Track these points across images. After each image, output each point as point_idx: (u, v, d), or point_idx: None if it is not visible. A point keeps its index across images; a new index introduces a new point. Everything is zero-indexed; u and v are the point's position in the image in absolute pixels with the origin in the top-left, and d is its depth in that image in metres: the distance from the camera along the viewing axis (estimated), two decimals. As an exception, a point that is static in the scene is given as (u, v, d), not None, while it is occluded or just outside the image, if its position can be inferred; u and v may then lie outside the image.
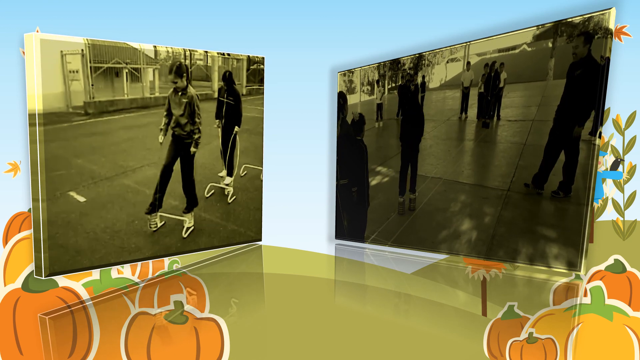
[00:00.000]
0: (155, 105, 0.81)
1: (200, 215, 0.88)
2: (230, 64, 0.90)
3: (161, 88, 0.81)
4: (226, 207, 0.91)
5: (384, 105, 0.92)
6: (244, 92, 0.93)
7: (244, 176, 0.94)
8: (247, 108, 0.93)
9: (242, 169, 0.93)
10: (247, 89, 0.93)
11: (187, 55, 0.83)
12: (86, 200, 0.75)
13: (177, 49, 0.82)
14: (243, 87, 0.92)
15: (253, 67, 0.93)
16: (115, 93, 0.78)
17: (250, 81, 0.93)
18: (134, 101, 0.80)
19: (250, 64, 0.92)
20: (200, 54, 0.85)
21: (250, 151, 0.95)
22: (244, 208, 0.94)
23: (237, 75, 0.91)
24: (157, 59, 0.80)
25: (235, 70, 0.91)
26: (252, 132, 0.95)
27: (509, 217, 0.77)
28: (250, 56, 0.91)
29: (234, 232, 0.92)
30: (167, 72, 0.82)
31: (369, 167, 0.95)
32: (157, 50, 0.80)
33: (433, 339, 0.54)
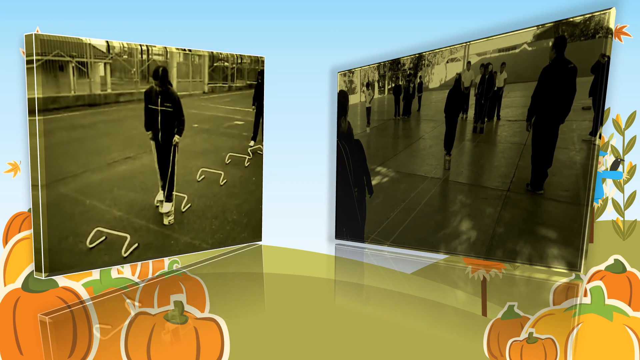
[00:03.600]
0: (106, 103, 0.76)
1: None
2: (191, 60, 0.85)
3: (113, 84, 0.76)
4: (180, 216, 0.85)
5: (384, 104, 0.92)
6: (205, 89, 0.88)
7: (201, 181, 0.88)
8: (207, 106, 0.89)
9: (199, 173, 0.88)
10: (210, 87, 0.88)
11: (143, 50, 0.78)
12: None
13: (133, 44, 0.77)
14: (205, 84, 0.88)
15: (217, 64, 0.88)
16: (60, 89, 0.72)
17: (213, 79, 0.88)
18: (80, 98, 0.74)
19: (214, 61, 0.88)
20: (159, 50, 0.80)
21: (210, 153, 0.89)
22: (199, 217, 0.88)
23: (198, 72, 0.86)
24: (109, 54, 0.75)
25: (197, 67, 0.86)
26: (212, 133, 0.89)
27: (508, 217, 0.77)
28: (214, 53, 0.87)
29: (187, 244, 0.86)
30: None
31: (368, 165, 0.95)
32: (110, 45, 0.75)
33: (433, 339, 0.54)
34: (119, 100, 0.78)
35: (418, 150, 0.88)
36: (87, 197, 0.75)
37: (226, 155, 0.91)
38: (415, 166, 0.88)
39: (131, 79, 0.78)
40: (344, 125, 0.99)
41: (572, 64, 0.70)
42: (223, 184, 0.90)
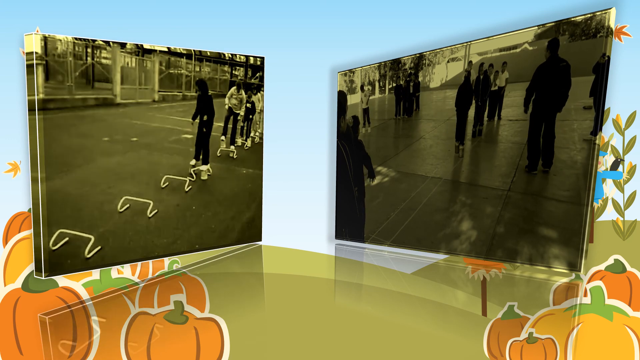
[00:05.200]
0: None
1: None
2: (142, 64, 0.78)
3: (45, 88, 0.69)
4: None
5: (385, 102, 0.92)
6: (155, 97, 0.80)
7: (123, 212, 0.79)
8: (155, 117, 0.81)
9: (121, 202, 0.78)
10: (160, 95, 0.81)
11: (88, 52, 0.72)
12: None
13: (78, 41, 0.70)
14: (155, 92, 0.81)
15: (172, 70, 0.82)
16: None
17: (164, 86, 0.81)
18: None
19: (168, 66, 0.80)
20: (106, 53, 0.73)
21: (144, 174, 0.80)
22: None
23: (149, 79, 0.79)
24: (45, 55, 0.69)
25: (149, 73, 0.79)
26: (154, 148, 0.80)
27: (509, 217, 0.77)
28: (170, 59, 0.80)
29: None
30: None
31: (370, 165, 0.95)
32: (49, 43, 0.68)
33: (433, 339, 0.54)
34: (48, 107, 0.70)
35: (419, 150, 0.88)
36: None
37: (162, 178, 0.83)
38: (415, 166, 0.88)
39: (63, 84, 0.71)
40: (344, 125, 0.99)
41: (566, 62, 0.70)
42: (152, 215, 0.81)
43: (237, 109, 0.92)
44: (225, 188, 0.91)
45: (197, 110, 0.86)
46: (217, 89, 0.89)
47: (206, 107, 0.87)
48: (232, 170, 0.93)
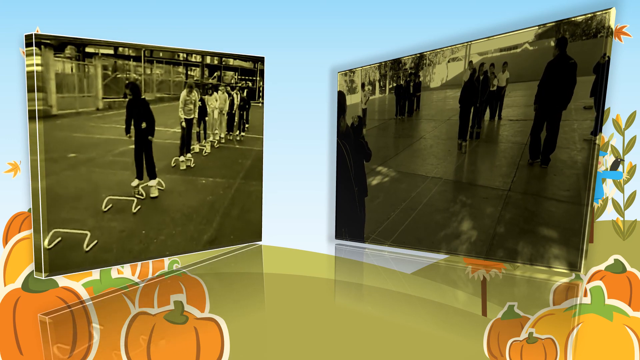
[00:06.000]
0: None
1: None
2: (83, 70, 0.70)
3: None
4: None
5: (385, 103, 0.92)
6: (100, 105, 0.73)
7: (52, 248, 0.72)
8: (101, 127, 0.74)
9: (50, 235, 0.72)
10: (106, 102, 0.74)
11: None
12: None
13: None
14: (99, 100, 0.73)
15: (118, 74, 0.74)
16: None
17: (108, 93, 0.73)
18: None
19: (114, 70, 0.73)
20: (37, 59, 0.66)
21: (85, 197, 0.73)
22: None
23: (92, 85, 0.72)
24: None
25: (91, 79, 0.72)
26: (95, 164, 0.73)
27: (509, 217, 0.77)
28: (117, 62, 0.73)
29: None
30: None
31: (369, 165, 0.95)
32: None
33: (433, 339, 0.54)
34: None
35: (419, 149, 0.88)
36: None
37: (105, 199, 0.75)
38: (416, 166, 0.88)
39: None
40: (344, 125, 0.98)
41: (573, 60, 0.70)
42: (88, 250, 0.74)
43: (191, 114, 0.84)
44: (180, 203, 0.84)
45: (128, 119, 0.75)
46: (171, 92, 0.81)
47: (141, 112, 0.77)
48: (190, 181, 0.85)
